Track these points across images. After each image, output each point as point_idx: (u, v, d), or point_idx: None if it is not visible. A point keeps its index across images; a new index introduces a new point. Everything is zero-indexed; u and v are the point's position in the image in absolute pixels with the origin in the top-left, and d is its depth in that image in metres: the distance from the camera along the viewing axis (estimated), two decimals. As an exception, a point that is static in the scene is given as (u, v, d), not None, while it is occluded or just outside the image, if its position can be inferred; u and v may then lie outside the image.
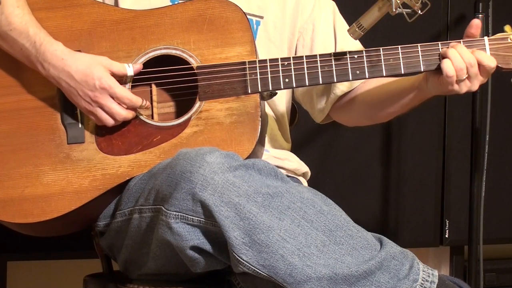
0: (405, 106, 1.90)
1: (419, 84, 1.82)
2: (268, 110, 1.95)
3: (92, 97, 1.72)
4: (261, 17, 1.95)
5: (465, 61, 1.72)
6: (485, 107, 2.58)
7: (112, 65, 1.74)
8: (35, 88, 1.77)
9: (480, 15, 2.52)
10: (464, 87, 1.74)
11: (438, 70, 1.74)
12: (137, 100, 1.74)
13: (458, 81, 1.73)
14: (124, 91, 1.73)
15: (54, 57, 1.73)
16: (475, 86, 1.74)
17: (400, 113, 1.93)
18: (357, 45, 1.92)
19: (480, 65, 1.73)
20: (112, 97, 1.73)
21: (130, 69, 1.75)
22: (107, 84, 1.72)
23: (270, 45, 1.95)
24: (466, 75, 1.72)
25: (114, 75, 1.74)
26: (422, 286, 1.53)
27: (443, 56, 1.74)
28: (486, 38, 1.77)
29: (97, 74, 1.72)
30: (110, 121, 1.74)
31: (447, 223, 2.95)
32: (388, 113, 1.94)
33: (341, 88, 1.97)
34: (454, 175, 2.94)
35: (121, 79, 1.75)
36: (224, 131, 1.74)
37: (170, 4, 1.87)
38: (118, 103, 1.73)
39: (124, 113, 1.74)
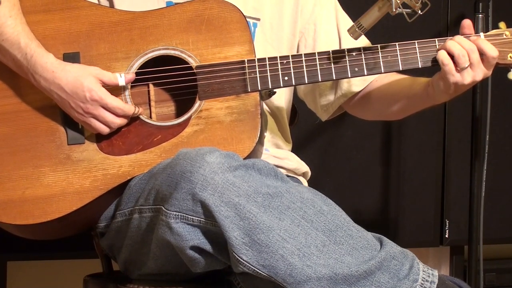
0: (417, 108, 1.91)
1: (427, 93, 1.82)
2: (267, 110, 1.95)
3: (84, 109, 1.72)
4: (258, 19, 1.95)
5: (466, 48, 1.72)
6: (485, 107, 2.58)
7: (103, 75, 1.73)
8: (34, 89, 1.76)
9: (480, 15, 2.52)
10: (468, 77, 1.73)
11: (436, 65, 1.75)
12: (129, 109, 1.74)
13: (461, 70, 1.73)
14: (116, 101, 1.73)
15: (44, 69, 1.72)
16: (478, 75, 1.74)
17: (413, 112, 1.94)
18: (363, 41, 1.92)
19: (482, 54, 1.73)
20: (104, 108, 1.72)
21: (121, 79, 1.74)
22: (97, 96, 1.71)
23: (267, 46, 1.94)
24: (469, 63, 1.73)
25: (105, 85, 1.73)
26: (422, 286, 1.53)
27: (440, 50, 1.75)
28: (482, 34, 1.78)
29: (87, 85, 1.71)
30: (105, 130, 1.74)
31: (447, 223, 2.94)
32: (400, 110, 1.95)
33: (353, 89, 1.98)
34: (454, 175, 2.94)
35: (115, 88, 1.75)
36: (224, 129, 1.74)
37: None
38: (111, 113, 1.73)
39: (118, 121, 1.74)
